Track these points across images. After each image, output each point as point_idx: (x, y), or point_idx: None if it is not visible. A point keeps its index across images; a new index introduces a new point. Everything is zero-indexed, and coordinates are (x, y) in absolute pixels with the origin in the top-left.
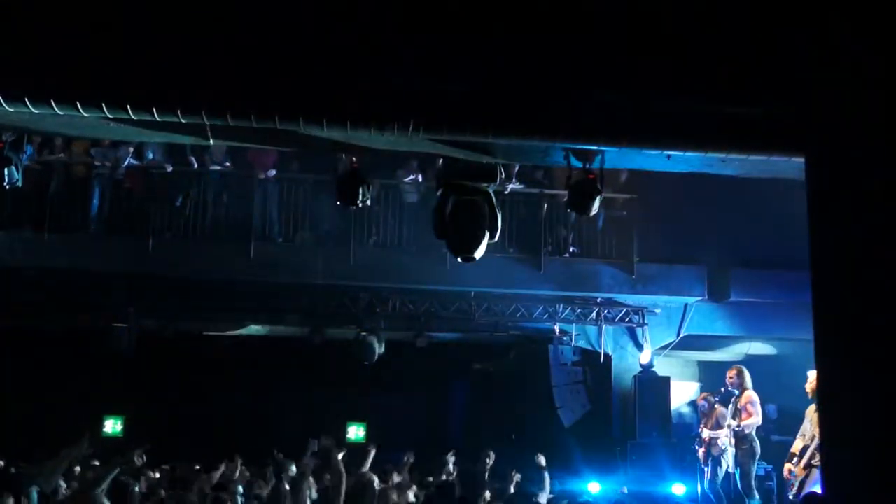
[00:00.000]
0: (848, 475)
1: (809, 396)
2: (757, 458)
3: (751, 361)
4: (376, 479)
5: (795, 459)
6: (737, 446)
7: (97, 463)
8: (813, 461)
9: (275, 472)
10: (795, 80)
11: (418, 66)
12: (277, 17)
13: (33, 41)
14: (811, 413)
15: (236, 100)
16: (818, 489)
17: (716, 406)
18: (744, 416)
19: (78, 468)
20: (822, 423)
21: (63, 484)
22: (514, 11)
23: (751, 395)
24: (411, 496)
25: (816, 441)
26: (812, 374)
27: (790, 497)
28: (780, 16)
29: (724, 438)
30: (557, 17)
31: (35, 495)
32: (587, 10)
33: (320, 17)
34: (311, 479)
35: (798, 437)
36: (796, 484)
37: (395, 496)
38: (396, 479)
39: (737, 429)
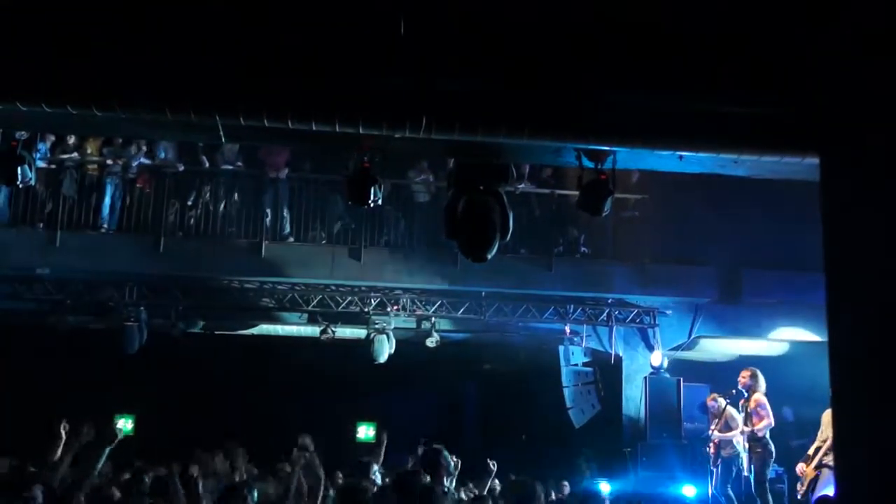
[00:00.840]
0: (861, 477)
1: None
2: (772, 460)
3: (761, 362)
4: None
5: (809, 459)
6: (751, 450)
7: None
8: (824, 460)
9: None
10: (810, 81)
11: (430, 65)
12: (289, 16)
13: (45, 43)
14: (827, 417)
15: (249, 100)
16: (829, 490)
17: (726, 407)
18: (755, 420)
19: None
20: (836, 424)
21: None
22: (525, 12)
23: (760, 398)
24: None
25: (829, 443)
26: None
27: (798, 496)
28: (795, 15)
29: (738, 443)
30: (568, 18)
31: (40, 495)
32: (598, 10)
33: (331, 16)
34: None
35: (816, 440)
36: (805, 483)
37: None
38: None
39: (751, 434)
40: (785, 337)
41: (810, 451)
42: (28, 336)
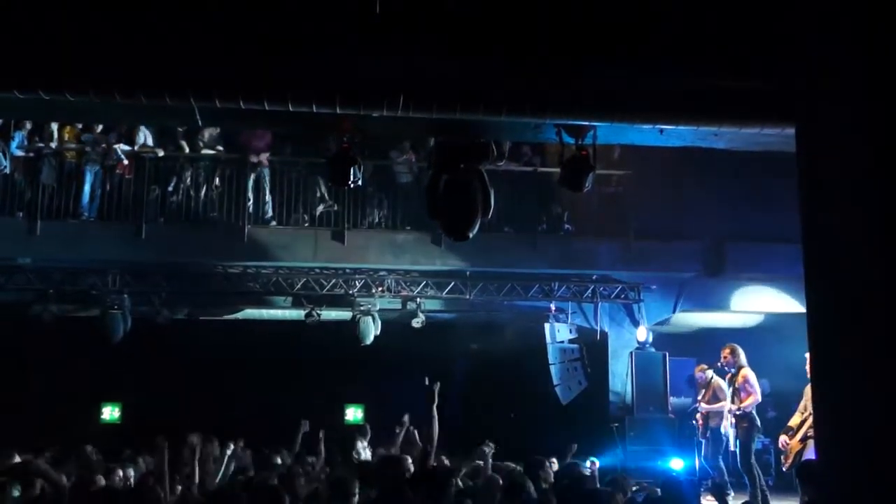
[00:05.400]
0: (840, 448)
1: (809, 376)
2: (757, 434)
3: (743, 334)
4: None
5: (791, 432)
6: (737, 424)
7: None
8: (809, 433)
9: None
10: (785, 51)
11: (408, 43)
12: None
13: (18, 27)
14: (809, 392)
15: (224, 81)
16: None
17: (713, 378)
18: (743, 396)
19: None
20: (815, 395)
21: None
22: None
23: (747, 373)
24: None
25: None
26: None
27: (784, 469)
28: None
29: (726, 420)
30: None
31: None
32: None
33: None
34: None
35: (797, 412)
36: (791, 455)
37: None
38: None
39: (737, 411)
40: (766, 309)
41: (791, 423)
42: (10, 327)
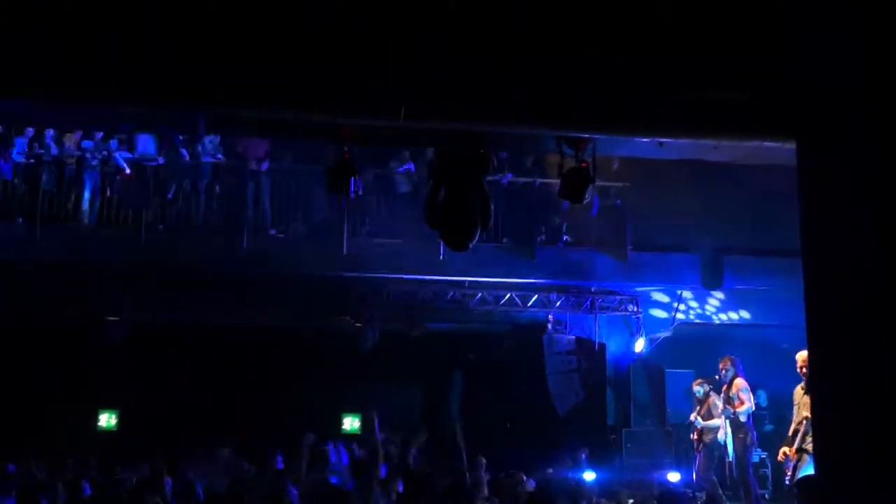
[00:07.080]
0: (838, 459)
1: (801, 375)
2: (754, 446)
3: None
4: None
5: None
6: (734, 435)
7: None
8: (804, 445)
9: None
10: (786, 64)
11: (407, 53)
12: (265, 5)
13: (20, 31)
14: (798, 395)
15: (226, 91)
16: (811, 471)
17: (710, 394)
18: (736, 404)
19: None
20: (814, 411)
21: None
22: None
23: (740, 382)
24: None
25: (805, 424)
26: (800, 356)
27: (787, 482)
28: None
29: (721, 431)
30: (545, 5)
31: None
32: None
33: (307, 6)
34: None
35: (794, 421)
36: (790, 469)
37: None
38: None
39: (731, 416)
40: (765, 322)
41: (791, 432)
42: (9, 332)
